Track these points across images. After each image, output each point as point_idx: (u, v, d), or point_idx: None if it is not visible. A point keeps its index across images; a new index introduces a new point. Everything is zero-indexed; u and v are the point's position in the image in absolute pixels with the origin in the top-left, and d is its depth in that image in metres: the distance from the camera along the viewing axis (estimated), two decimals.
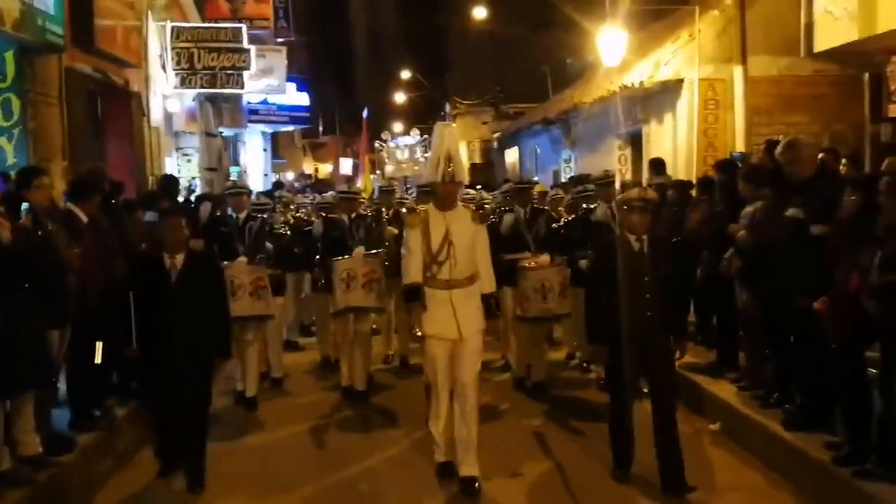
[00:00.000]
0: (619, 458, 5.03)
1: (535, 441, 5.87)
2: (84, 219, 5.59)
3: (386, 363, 8.27)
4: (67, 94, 8.15)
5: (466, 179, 5.31)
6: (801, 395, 5.16)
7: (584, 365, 7.66)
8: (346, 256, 6.89)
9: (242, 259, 6.82)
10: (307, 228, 8.18)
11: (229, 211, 7.47)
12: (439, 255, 4.94)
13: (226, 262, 6.57)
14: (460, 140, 5.45)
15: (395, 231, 7.52)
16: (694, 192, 7.73)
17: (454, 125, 5.33)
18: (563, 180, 13.74)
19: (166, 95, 12.16)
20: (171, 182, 8.99)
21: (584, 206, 7.30)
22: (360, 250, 6.92)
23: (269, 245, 7.18)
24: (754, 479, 5.01)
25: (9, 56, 7.29)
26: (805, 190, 5.00)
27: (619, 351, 4.80)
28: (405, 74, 36.69)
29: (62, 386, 5.47)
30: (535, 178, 8.12)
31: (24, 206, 5.04)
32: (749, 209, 5.84)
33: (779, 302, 5.19)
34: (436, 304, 4.97)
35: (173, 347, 5.06)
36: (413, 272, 5.03)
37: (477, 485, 4.97)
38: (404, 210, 6.87)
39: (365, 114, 19.53)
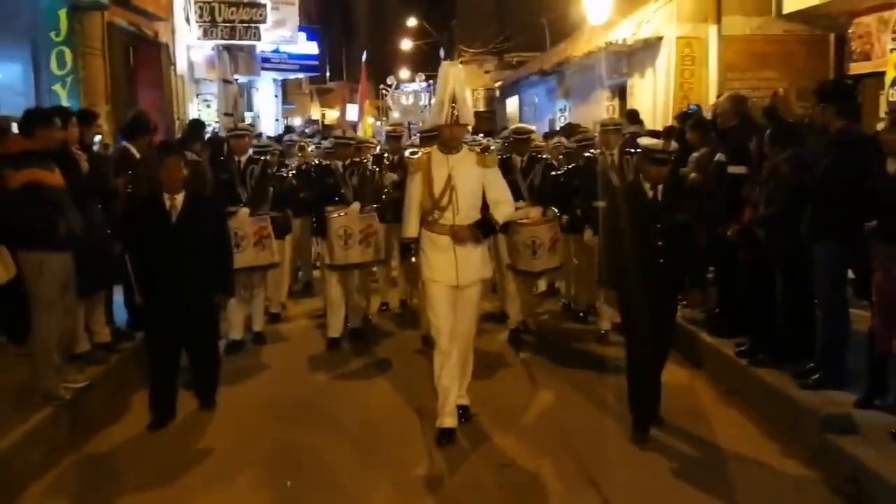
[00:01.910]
0: (637, 416, 4.87)
1: (531, 396, 5.77)
2: (137, 155, 6.71)
3: (381, 310, 8.19)
4: (109, 46, 9.20)
5: (472, 121, 5.10)
6: (719, 307, 6.29)
7: (581, 314, 7.63)
8: (340, 209, 6.82)
9: (245, 210, 6.75)
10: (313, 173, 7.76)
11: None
12: (441, 200, 4.79)
13: (229, 209, 6.47)
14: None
15: (395, 177, 7.46)
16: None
17: (460, 65, 5.08)
18: (557, 129, 14.72)
19: (190, 46, 13.16)
20: (198, 126, 9.89)
21: (587, 153, 7.14)
22: (355, 206, 6.84)
23: (270, 188, 7.11)
24: (679, 374, 5.92)
25: (62, 14, 8.36)
26: (727, 137, 6.03)
27: (631, 296, 4.81)
28: (411, 22, 37.20)
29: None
30: (533, 128, 8.45)
31: (97, 138, 6.12)
32: (695, 154, 6.89)
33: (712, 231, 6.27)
34: (437, 250, 4.85)
35: (176, 287, 5.10)
36: (410, 226, 4.95)
37: (470, 412, 5.11)
38: (409, 152, 6.39)
39: (364, 57, 20.22)
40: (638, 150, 6.36)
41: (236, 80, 16.33)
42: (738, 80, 10.93)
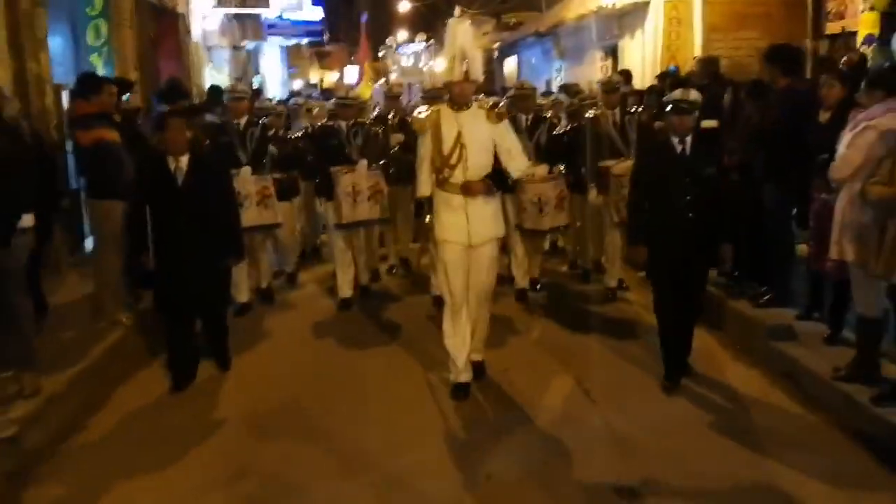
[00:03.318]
0: (668, 365, 4.97)
1: (546, 353, 5.76)
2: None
3: (390, 273, 8.14)
4: (137, 18, 9.96)
5: (481, 78, 4.99)
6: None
7: (586, 272, 7.65)
8: (347, 167, 6.78)
9: (247, 169, 6.72)
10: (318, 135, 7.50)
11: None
12: (451, 158, 4.73)
13: (232, 171, 6.31)
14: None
15: (402, 137, 7.37)
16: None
17: (468, 22, 4.98)
18: (553, 89, 15.42)
19: (204, 15, 13.88)
20: (217, 91, 10.55)
21: (589, 113, 7.03)
22: (363, 163, 6.79)
23: (272, 149, 7.04)
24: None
25: None
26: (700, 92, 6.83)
27: (660, 253, 4.81)
28: None
29: None
30: (535, 86, 8.61)
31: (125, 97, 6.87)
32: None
33: None
34: (449, 209, 4.81)
35: (184, 249, 5.06)
36: (422, 184, 4.93)
37: (484, 366, 5.17)
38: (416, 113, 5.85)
39: (363, 19, 20.65)
40: (637, 110, 6.81)
41: (245, 46, 17.03)
42: (720, 40, 11.48)
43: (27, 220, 4.50)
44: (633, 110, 6.86)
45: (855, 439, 4.19)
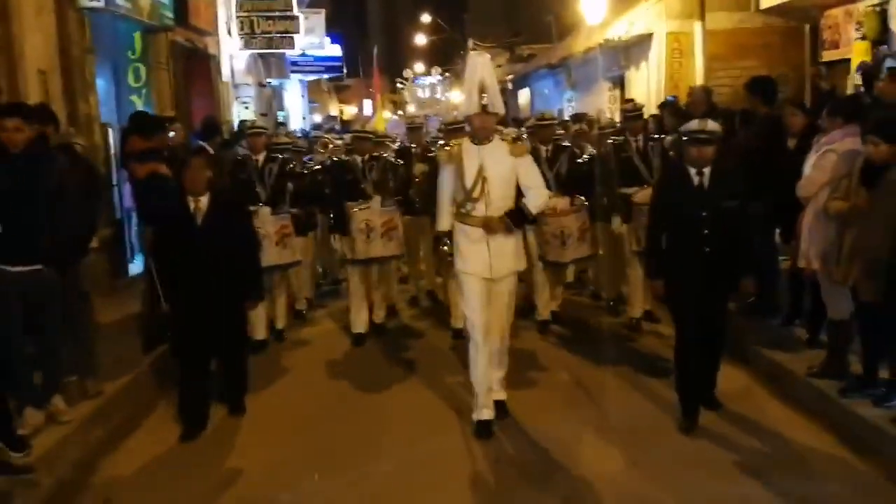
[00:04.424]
0: (685, 403, 4.80)
1: (567, 386, 5.77)
2: (212, 151, 8.21)
3: (412, 305, 8.15)
4: (172, 61, 10.75)
5: (502, 110, 5.01)
6: None
7: (610, 303, 7.58)
8: (362, 203, 6.79)
9: (266, 209, 6.74)
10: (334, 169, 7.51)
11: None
12: (473, 192, 4.73)
13: (251, 209, 6.31)
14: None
15: (426, 168, 7.30)
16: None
17: (487, 55, 5.04)
18: (566, 118, 16.02)
19: (232, 55, 14.71)
20: (244, 127, 11.19)
21: (610, 140, 7.14)
22: (376, 199, 6.79)
23: (290, 185, 7.08)
24: None
25: (137, 35, 9.93)
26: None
27: (678, 287, 4.72)
28: (424, 18, 38.52)
29: None
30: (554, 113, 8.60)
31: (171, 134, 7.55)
32: (670, 138, 8.27)
33: None
34: (470, 243, 4.79)
35: (202, 291, 4.96)
36: (443, 219, 4.95)
37: (506, 407, 5.09)
38: (440, 144, 5.86)
39: (375, 51, 21.33)
40: (660, 137, 6.94)
41: (269, 83, 17.89)
42: (722, 69, 11.88)
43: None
44: (656, 136, 7.00)
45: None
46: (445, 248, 5.01)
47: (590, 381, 5.80)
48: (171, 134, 7.74)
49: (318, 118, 29.87)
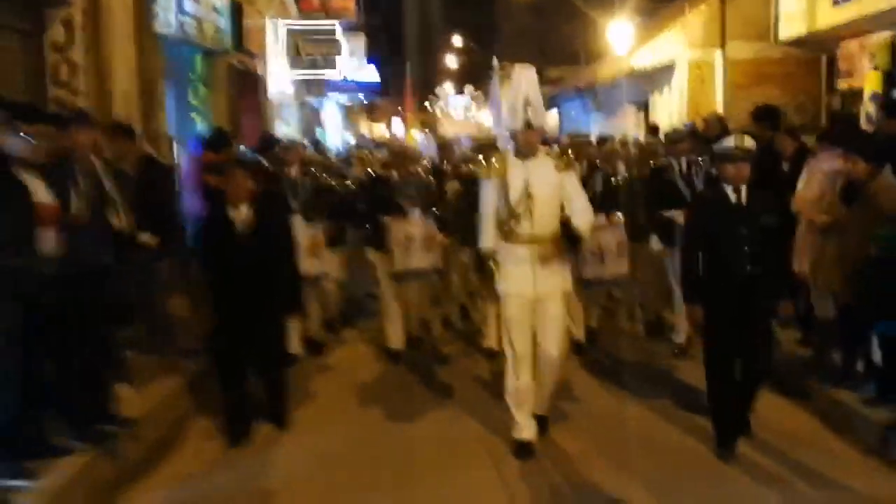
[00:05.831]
0: (721, 432, 4.65)
1: (606, 408, 5.66)
2: (268, 165, 9.04)
3: (445, 326, 7.97)
4: (228, 82, 11.70)
5: (547, 125, 5.28)
6: None
7: (649, 326, 7.47)
8: (400, 216, 6.69)
9: (298, 218, 6.73)
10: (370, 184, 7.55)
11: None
12: (518, 209, 4.60)
13: None
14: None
15: (458, 186, 7.30)
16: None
17: (533, 69, 4.76)
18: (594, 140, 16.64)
19: (277, 76, 15.68)
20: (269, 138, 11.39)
21: (651, 162, 7.08)
22: (415, 212, 6.71)
23: (324, 200, 7.14)
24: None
25: (198, 58, 10.90)
26: (711, 144, 7.99)
27: (716, 311, 4.54)
28: (457, 40, 39.44)
29: None
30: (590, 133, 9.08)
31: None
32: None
33: None
34: (514, 262, 4.67)
35: (243, 302, 4.93)
36: (486, 237, 4.78)
37: (548, 423, 5.02)
38: (480, 158, 5.66)
39: (408, 70, 21.96)
40: (701, 159, 6.68)
41: (309, 102, 18.87)
42: (742, 97, 12.07)
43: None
44: (700, 159, 6.77)
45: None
46: (492, 265, 4.88)
47: (629, 412, 5.55)
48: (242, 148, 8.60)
49: (350, 137, 30.77)
